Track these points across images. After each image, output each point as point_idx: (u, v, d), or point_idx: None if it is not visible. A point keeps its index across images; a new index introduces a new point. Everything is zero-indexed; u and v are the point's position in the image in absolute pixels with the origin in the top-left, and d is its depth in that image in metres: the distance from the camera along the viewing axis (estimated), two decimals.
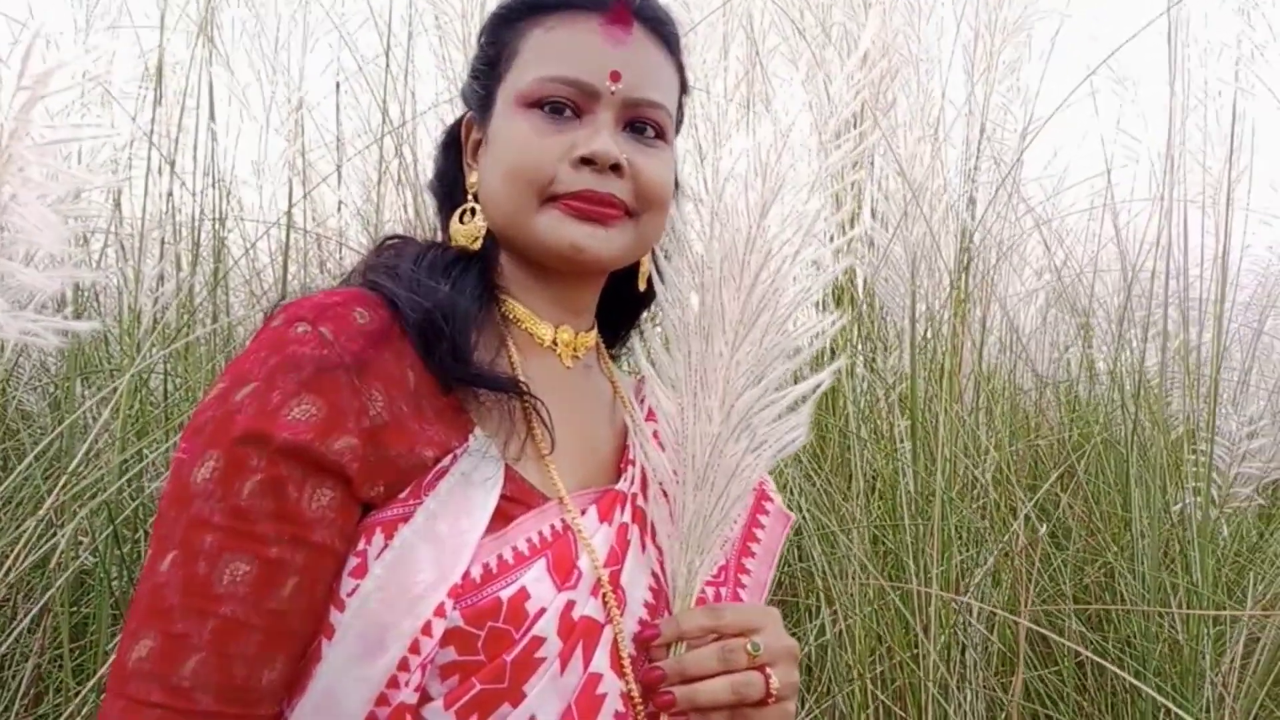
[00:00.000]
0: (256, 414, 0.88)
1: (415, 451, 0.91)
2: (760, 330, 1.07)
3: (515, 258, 1.04)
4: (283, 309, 0.94)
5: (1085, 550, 2.33)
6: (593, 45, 1.02)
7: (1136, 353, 2.66)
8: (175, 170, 1.85)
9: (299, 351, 0.89)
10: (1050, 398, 2.98)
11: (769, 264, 1.07)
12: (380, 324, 0.93)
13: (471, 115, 1.09)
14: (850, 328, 2.15)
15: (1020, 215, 2.56)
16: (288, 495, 0.87)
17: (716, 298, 1.06)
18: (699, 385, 1.07)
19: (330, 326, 0.90)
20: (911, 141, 1.72)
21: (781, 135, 1.03)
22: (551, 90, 1.00)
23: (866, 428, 2.10)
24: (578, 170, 0.99)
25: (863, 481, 1.86)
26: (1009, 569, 2.04)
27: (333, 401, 0.88)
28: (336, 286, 1.02)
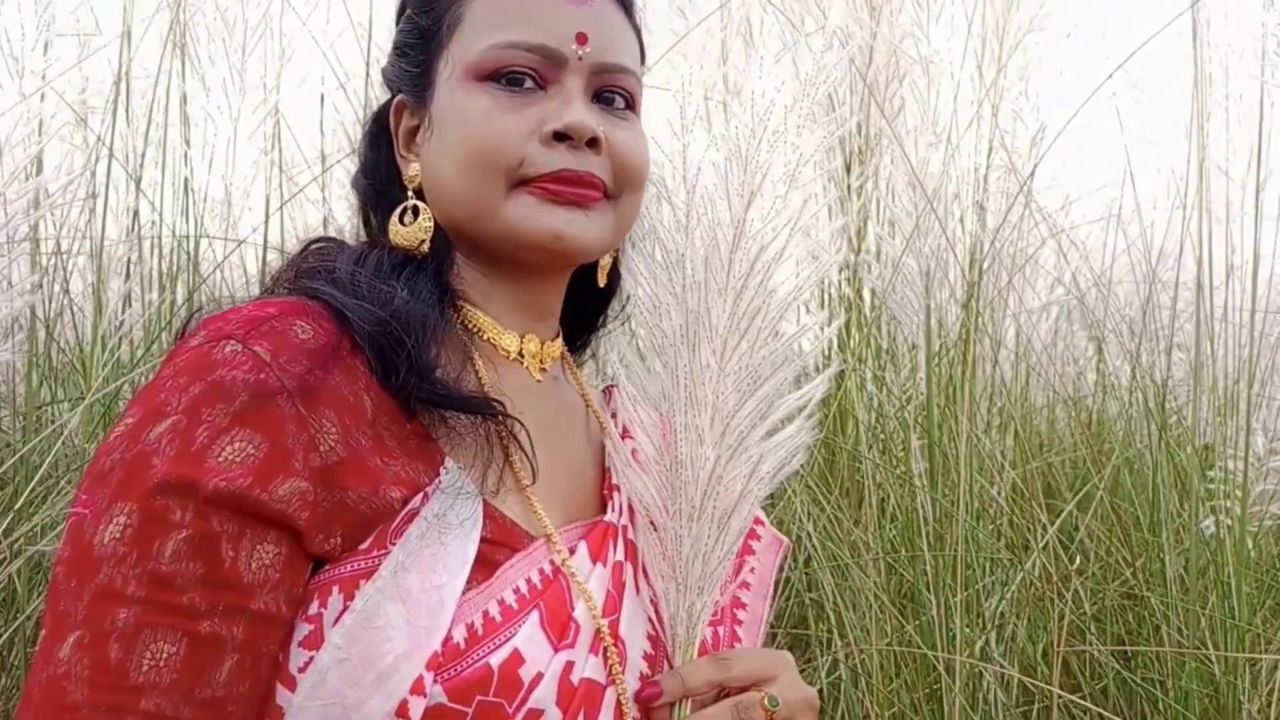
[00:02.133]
0: (178, 456, 0.73)
1: (380, 493, 0.77)
2: (751, 338, 0.97)
3: (474, 259, 0.91)
4: (202, 324, 0.80)
5: (1104, 569, 2.22)
6: (552, 4, 0.89)
7: (1160, 366, 2.55)
8: (140, 187, 1.76)
9: (229, 376, 0.74)
10: (1062, 414, 2.88)
11: (758, 263, 0.98)
12: (326, 339, 0.79)
13: (402, 98, 0.94)
14: (859, 342, 2.05)
15: (1034, 225, 2.46)
16: (220, 556, 0.73)
17: (701, 302, 0.96)
18: (687, 402, 0.96)
19: (266, 344, 0.76)
20: (922, 147, 1.63)
21: (760, 120, 0.93)
22: (509, 59, 0.87)
23: (877, 447, 2.00)
24: (550, 147, 0.86)
25: (875, 507, 1.75)
26: (1030, 597, 1.93)
27: (274, 437, 0.74)
28: (260, 296, 0.87)
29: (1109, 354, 2.94)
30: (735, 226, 0.98)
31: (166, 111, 1.81)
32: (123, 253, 1.75)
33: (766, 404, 0.97)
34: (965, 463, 1.60)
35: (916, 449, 1.83)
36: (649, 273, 0.99)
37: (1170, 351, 2.64)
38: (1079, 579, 1.62)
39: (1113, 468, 2.35)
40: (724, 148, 0.96)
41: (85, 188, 1.73)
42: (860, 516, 1.78)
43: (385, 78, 0.98)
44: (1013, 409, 2.49)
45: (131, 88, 1.82)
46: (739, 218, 0.99)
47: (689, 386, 0.95)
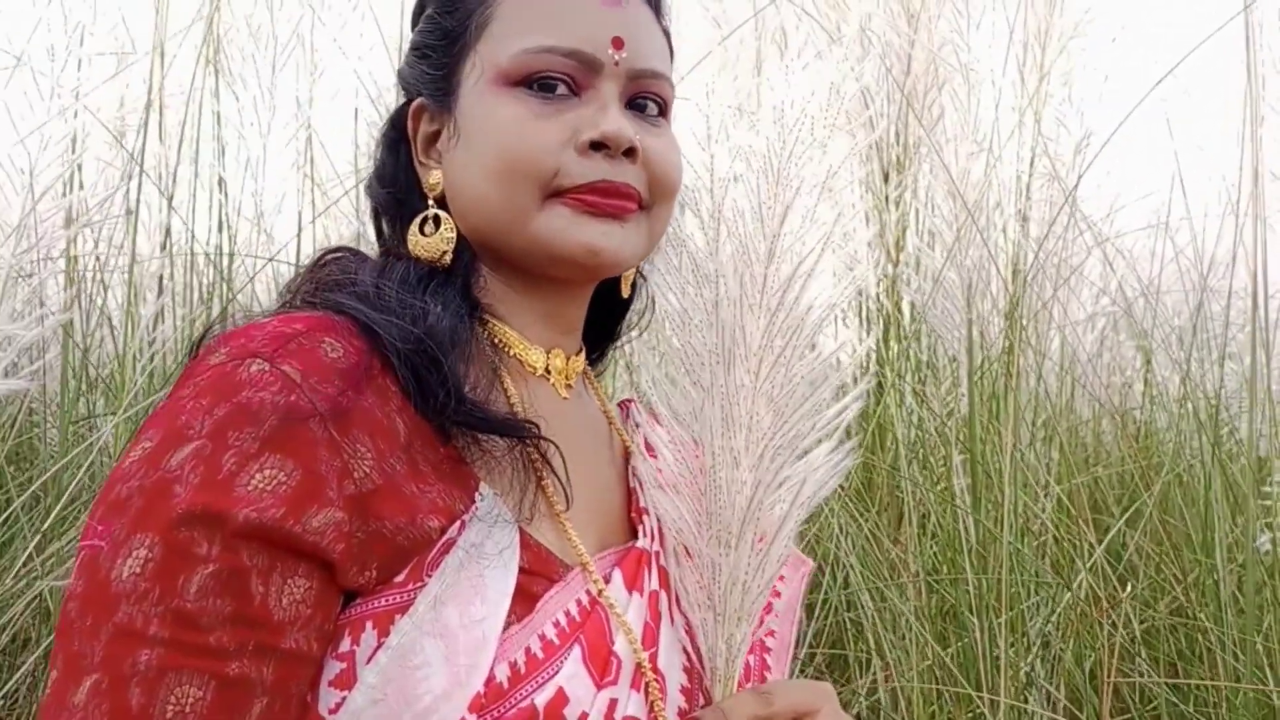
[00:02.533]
0: (203, 484, 0.68)
1: (417, 522, 0.73)
2: (787, 356, 0.94)
3: (499, 271, 0.87)
4: (222, 339, 0.75)
5: (1152, 587, 2.15)
6: (586, 6, 0.85)
7: (1212, 377, 2.47)
8: (173, 204, 1.76)
9: (256, 398, 0.70)
10: (1109, 426, 2.81)
11: (794, 278, 0.94)
12: (357, 357, 0.74)
13: (421, 102, 0.89)
14: (898, 356, 2.00)
15: (1079, 234, 2.39)
16: (250, 591, 0.68)
17: (737, 319, 0.92)
18: (722, 423, 0.92)
19: (295, 363, 0.71)
20: (963, 157, 1.58)
21: (790, 131, 0.90)
22: (543, 64, 0.83)
23: (917, 463, 1.95)
24: (586, 157, 0.82)
25: (915, 525, 1.70)
26: (1076, 617, 1.87)
27: (306, 464, 0.69)
28: (280, 311, 0.82)
29: (1158, 365, 2.86)
30: (769, 240, 0.95)
31: (199, 128, 1.81)
32: (155, 269, 1.75)
33: (805, 424, 0.94)
34: (1010, 481, 1.54)
35: (958, 465, 1.78)
36: (677, 287, 0.96)
37: (1223, 362, 2.57)
38: (1128, 600, 1.56)
39: (1163, 483, 2.28)
40: (754, 160, 0.93)
41: (121, 205, 1.73)
42: (899, 535, 1.74)
43: (402, 80, 0.93)
44: (1057, 422, 2.43)
45: (165, 104, 1.82)
46: (773, 232, 0.96)
47: (725, 407, 0.92)
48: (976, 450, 1.63)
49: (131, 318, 1.62)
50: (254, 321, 0.77)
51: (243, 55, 1.81)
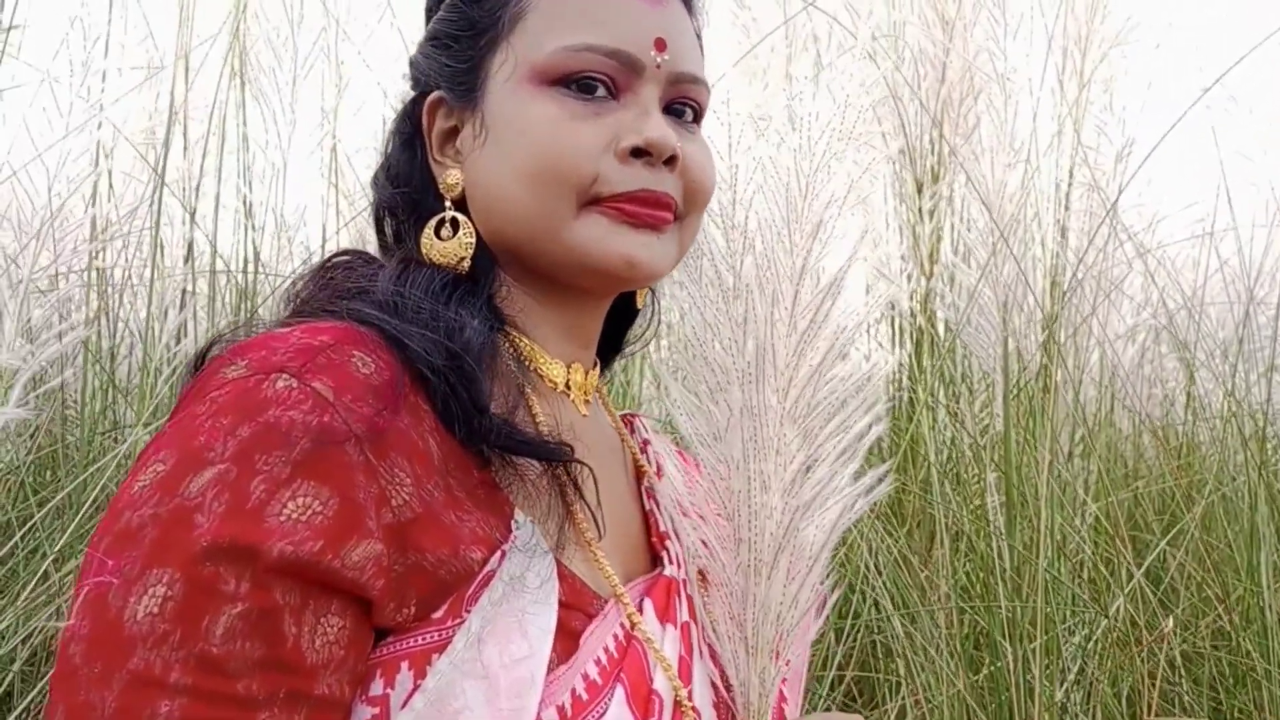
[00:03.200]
0: (230, 513, 0.62)
1: (460, 554, 0.68)
2: (816, 376, 0.90)
3: (524, 280, 0.82)
4: (236, 351, 0.69)
5: (1193, 608, 2.08)
6: (630, 5, 0.80)
7: (1258, 390, 2.40)
8: (195, 218, 1.75)
9: (286, 417, 0.63)
10: (1149, 441, 2.73)
11: (826, 296, 0.91)
12: (389, 373, 0.69)
13: (439, 95, 0.83)
14: (931, 374, 1.95)
15: (1119, 245, 2.33)
16: (282, 633, 0.62)
17: (767, 339, 0.89)
18: (751, 446, 0.89)
19: (327, 380, 0.66)
20: (999, 169, 1.53)
21: (815, 143, 0.86)
22: (583, 63, 0.78)
23: (949, 482, 1.89)
24: (626, 164, 0.77)
25: (947, 546, 1.65)
26: (1113, 642, 1.81)
27: (343, 490, 0.64)
28: (291, 319, 0.75)
29: (1200, 379, 2.78)
30: (800, 256, 0.92)
31: (223, 140, 1.80)
32: (178, 284, 1.74)
33: (833, 445, 0.90)
34: (1046, 503, 1.49)
35: (992, 483, 1.72)
36: (701, 302, 0.92)
37: (1270, 375, 2.49)
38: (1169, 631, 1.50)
39: (1206, 502, 2.20)
40: (780, 173, 0.89)
41: (145, 219, 1.72)
42: (931, 557, 1.69)
43: (416, 71, 0.86)
44: (1094, 439, 2.36)
45: (190, 117, 1.81)
46: (804, 248, 0.92)
47: (753, 428, 0.88)
48: (1012, 473, 1.58)
49: (153, 331, 1.61)
50: (270, 332, 0.71)
51: (266, 68, 1.80)
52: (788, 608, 0.85)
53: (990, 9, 1.73)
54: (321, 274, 0.81)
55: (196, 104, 1.80)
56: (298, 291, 0.81)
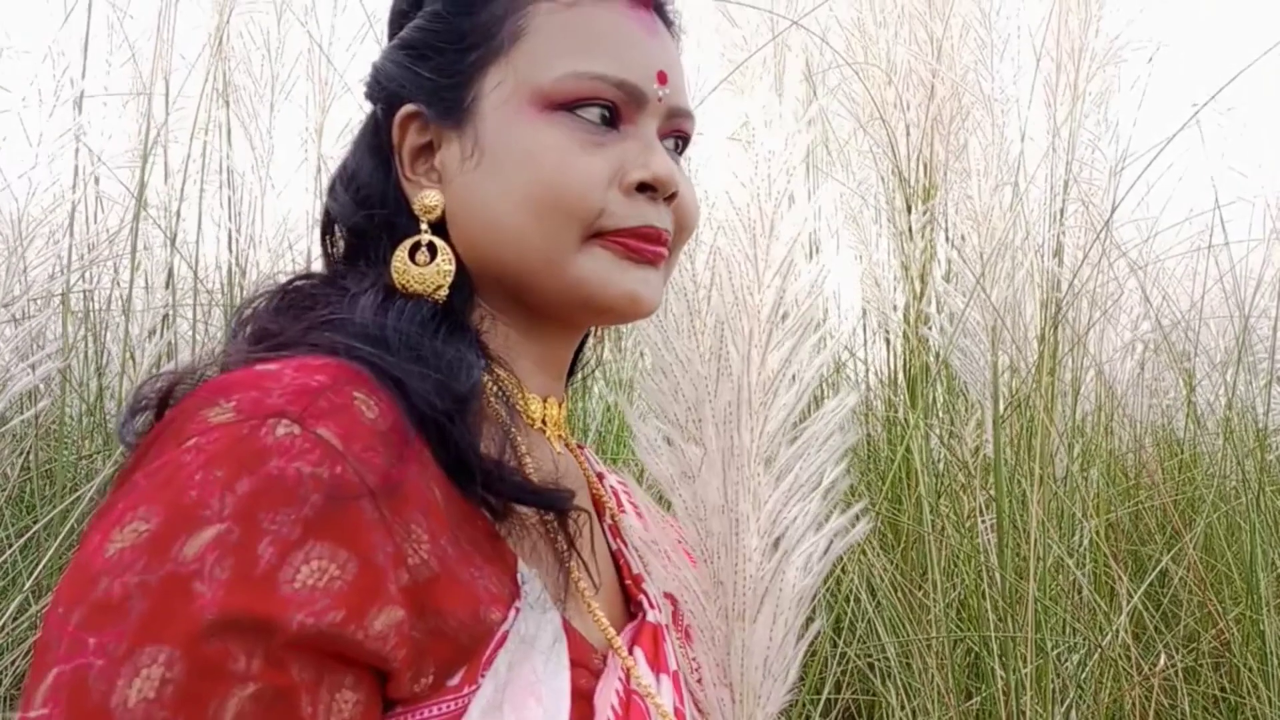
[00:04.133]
0: (237, 581, 0.55)
1: (480, 616, 0.63)
2: (787, 414, 0.88)
3: (507, 310, 0.78)
4: (217, 390, 0.61)
5: (1193, 623, 2.05)
6: (633, 35, 0.77)
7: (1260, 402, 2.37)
8: (176, 245, 1.72)
9: (292, 470, 0.57)
10: (1151, 450, 2.70)
11: (803, 334, 0.89)
12: (394, 418, 0.63)
13: (413, 109, 0.78)
14: (922, 399, 1.92)
15: (1114, 260, 2.31)
16: (299, 714, 0.56)
17: (744, 374, 0.87)
18: (726, 486, 0.86)
19: (333, 427, 0.59)
20: (987, 191, 1.50)
21: (771, 180, 0.84)
22: (592, 90, 0.74)
23: (942, 507, 1.87)
24: (631, 198, 0.74)
25: (938, 570, 1.63)
26: (1108, 670, 1.78)
27: (362, 552, 0.58)
28: (266, 353, 0.67)
29: (1201, 390, 2.76)
30: (771, 293, 0.90)
31: (205, 163, 1.78)
32: (157, 309, 1.72)
33: (811, 483, 0.89)
34: (1036, 529, 1.47)
35: (981, 504, 1.70)
36: (662, 340, 0.90)
37: (1269, 388, 2.46)
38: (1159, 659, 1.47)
39: (1204, 515, 2.18)
40: (741, 211, 0.87)
41: (124, 245, 1.70)
42: (924, 581, 1.66)
43: (384, 80, 0.79)
44: (1093, 455, 2.34)
45: (170, 139, 1.80)
46: (776, 286, 0.91)
47: (729, 470, 0.86)
48: (1003, 501, 1.55)
49: (133, 358, 1.59)
50: (253, 368, 0.63)
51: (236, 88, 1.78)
52: (774, 653, 0.83)
53: (977, 28, 1.71)
54: (283, 298, 0.74)
55: (176, 127, 1.79)
56: (252, 315, 0.73)
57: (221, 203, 1.85)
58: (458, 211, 0.76)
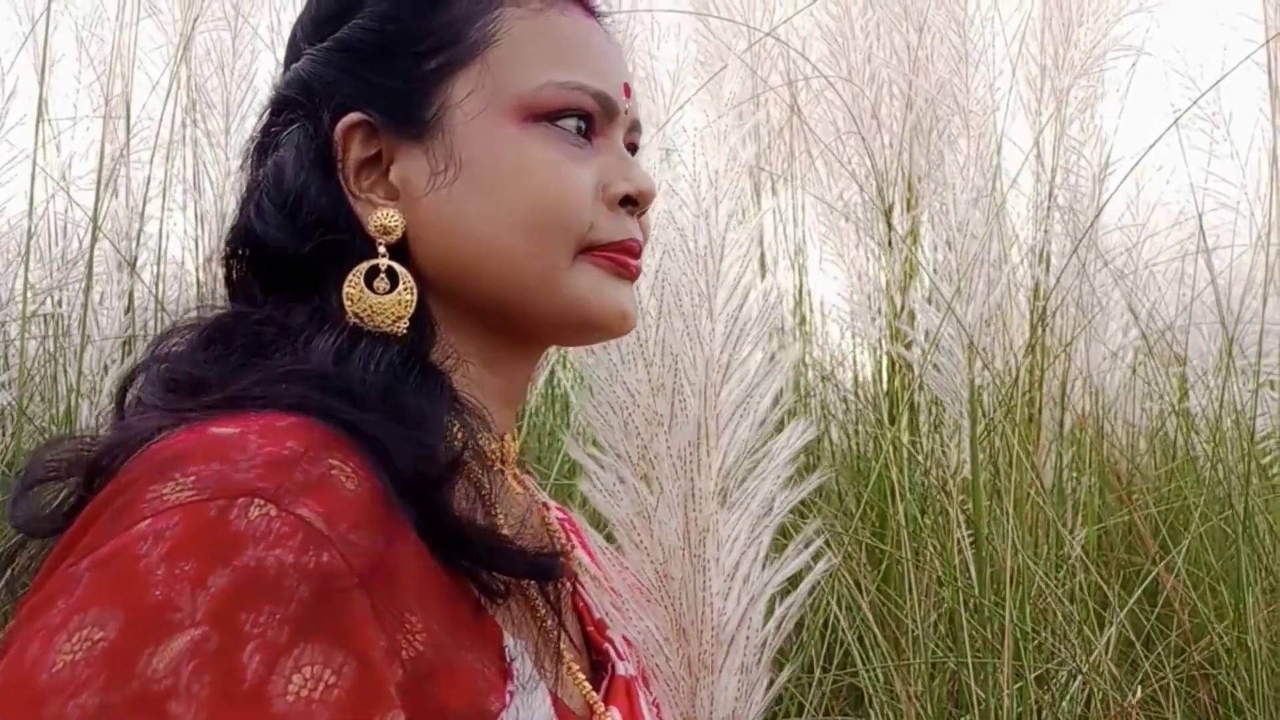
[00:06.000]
0: (222, 697, 0.48)
1: (480, 707, 0.57)
2: (748, 449, 0.85)
3: (475, 339, 0.71)
4: (170, 459, 0.54)
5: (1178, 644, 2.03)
6: (601, 45, 0.74)
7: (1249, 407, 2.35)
8: (135, 269, 1.69)
9: (273, 560, 0.50)
10: (1145, 454, 2.68)
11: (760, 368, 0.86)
12: (375, 487, 0.56)
13: (358, 118, 0.70)
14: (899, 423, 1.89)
15: (1098, 270, 2.28)
16: None
17: (700, 409, 0.84)
18: (687, 528, 0.83)
19: (314, 505, 0.53)
20: (963, 204, 1.47)
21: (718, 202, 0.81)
22: (574, 101, 0.70)
23: (927, 522, 1.84)
24: (615, 212, 0.72)
25: (916, 594, 1.60)
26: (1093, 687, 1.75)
27: (360, 651, 0.51)
28: (216, 408, 0.59)
29: (1195, 394, 2.74)
30: (727, 321, 0.87)
31: (165, 189, 1.74)
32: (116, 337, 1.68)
33: (768, 521, 0.85)
34: (1013, 551, 1.43)
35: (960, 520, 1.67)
36: (609, 372, 0.86)
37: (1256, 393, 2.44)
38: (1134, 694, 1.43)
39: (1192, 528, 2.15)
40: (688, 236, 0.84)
41: (79, 270, 1.66)
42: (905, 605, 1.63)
43: (314, 86, 0.70)
44: (1083, 464, 2.31)
45: (131, 161, 1.76)
46: (729, 315, 0.88)
47: (691, 511, 0.83)
48: (981, 522, 1.52)
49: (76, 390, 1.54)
50: (208, 432, 0.55)
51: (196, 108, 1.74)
52: (743, 703, 0.80)
53: (952, 38, 1.68)
54: (208, 338, 0.66)
55: (142, 149, 1.75)
56: (170, 357, 0.65)
57: (185, 225, 1.82)
58: (427, 231, 0.69)
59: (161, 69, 1.72)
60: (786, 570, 0.84)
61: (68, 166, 1.74)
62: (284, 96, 0.72)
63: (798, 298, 2.40)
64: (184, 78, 1.77)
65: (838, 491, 2.13)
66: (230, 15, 1.67)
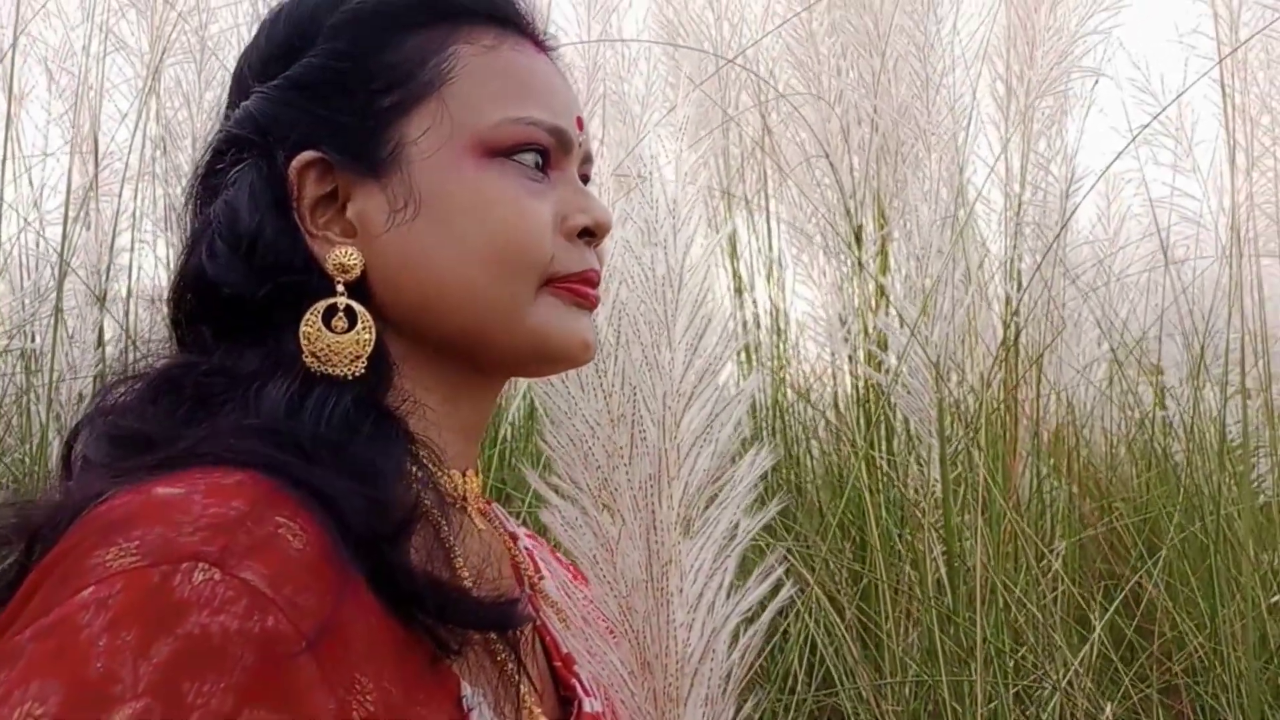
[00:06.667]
0: None
1: None
2: (709, 477, 0.86)
3: (434, 375, 0.71)
4: (114, 523, 0.53)
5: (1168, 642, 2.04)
6: (553, 80, 0.75)
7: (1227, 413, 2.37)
8: (105, 304, 1.68)
9: (216, 626, 0.50)
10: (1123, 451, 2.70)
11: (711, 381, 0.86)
12: (324, 545, 0.56)
13: (313, 156, 0.70)
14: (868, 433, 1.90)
15: (1064, 286, 2.31)
16: None
17: (660, 440, 0.84)
18: (649, 560, 0.83)
19: (259, 566, 0.52)
20: (925, 229, 1.49)
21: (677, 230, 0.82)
22: (530, 136, 0.71)
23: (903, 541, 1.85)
24: (573, 244, 0.73)
25: (893, 617, 1.60)
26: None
27: (307, 715, 0.51)
28: (159, 465, 0.58)
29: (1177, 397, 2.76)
30: (686, 350, 0.88)
31: (135, 222, 1.74)
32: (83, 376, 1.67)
33: (731, 549, 0.86)
34: (992, 569, 1.44)
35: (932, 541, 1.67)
36: (568, 404, 0.86)
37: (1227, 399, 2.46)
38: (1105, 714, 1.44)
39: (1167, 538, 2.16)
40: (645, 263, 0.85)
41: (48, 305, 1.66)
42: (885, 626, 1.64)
43: (264, 125, 0.70)
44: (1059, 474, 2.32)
45: (100, 194, 1.76)
46: (689, 344, 0.88)
47: (653, 544, 0.83)
48: (952, 541, 1.53)
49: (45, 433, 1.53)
50: (153, 494, 0.54)
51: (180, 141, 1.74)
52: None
53: (912, 62, 1.70)
54: (155, 389, 0.64)
55: (112, 181, 1.75)
56: (115, 409, 0.64)
57: (155, 258, 1.81)
58: (387, 268, 0.69)
59: (130, 101, 1.73)
60: (750, 599, 0.84)
61: (37, 200, 1.73)
62: (233, 135, 0.71)
63: (774, 315, 2.42)
64: (153, 110, 1.77)
65: (819, 508, 2.14)
66: (195, 50, 1.67)
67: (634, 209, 0.87)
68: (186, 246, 0.72)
